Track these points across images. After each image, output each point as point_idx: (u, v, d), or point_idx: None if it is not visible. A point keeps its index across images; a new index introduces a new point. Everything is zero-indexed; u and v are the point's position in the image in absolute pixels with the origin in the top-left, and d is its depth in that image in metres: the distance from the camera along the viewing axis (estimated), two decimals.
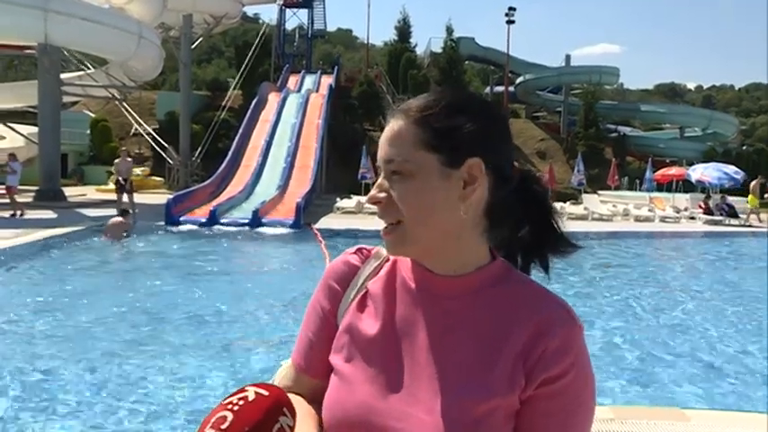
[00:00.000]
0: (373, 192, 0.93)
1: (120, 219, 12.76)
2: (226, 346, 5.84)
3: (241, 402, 0.82)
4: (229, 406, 0.82)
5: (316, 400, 0.98)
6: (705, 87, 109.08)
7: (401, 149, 0.91)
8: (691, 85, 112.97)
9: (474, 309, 0.92)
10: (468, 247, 0.94)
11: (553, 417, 0.88)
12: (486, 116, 0.94)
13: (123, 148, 18.98)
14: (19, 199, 15.43)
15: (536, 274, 1.01)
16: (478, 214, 0.93)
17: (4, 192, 15.61)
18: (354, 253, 1.05)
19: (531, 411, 0.88)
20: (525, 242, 0.98)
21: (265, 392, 0.85)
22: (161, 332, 6.23)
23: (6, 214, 14.89)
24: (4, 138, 24.10)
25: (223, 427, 0.79)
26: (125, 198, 15.59)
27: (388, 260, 1.01)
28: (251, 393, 0.84)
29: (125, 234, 12.61)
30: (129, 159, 16.58)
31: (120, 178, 15.73)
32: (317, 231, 14.10)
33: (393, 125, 0.93)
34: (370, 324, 0.96)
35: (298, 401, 0.94)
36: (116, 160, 16.40)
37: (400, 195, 0.90)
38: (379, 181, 0.94)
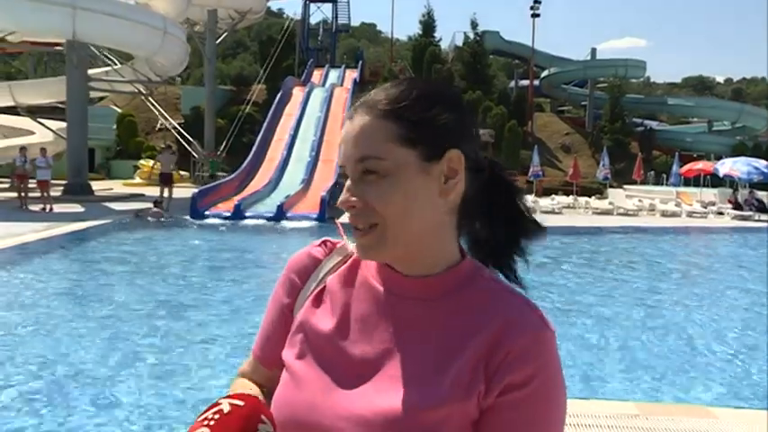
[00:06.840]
0: (345, 195, 0.85)
1: (153, 208, 15.10)
2: (251, 337, 5.88)
3: (217, 416, 0.80)
4: (205, 422, 0.79)
5: (272, 391, 0.94)
6: (735, 80, 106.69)
7: (374, 147, 0.84)
8: (720, 78, 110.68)
9: (440, 310, 0.86)
10: (442, 245, 0.88)
11: (519, 429, 0.81)
12: (459, 106, 0.89)
13: (168, 143, 20.01)
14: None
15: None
16: (453, 209, 0.88)
17: (34, 185, 15.90)
18: (319, 246, 0.99)
19: (495, 422, 0.81)
20: (498, 234, 0.92)
21: (240, 402, 0.83)
22: (185, 326, 6.30)
23: (37, 208, 15.18)
24: (34, 133, 24.48)
25: None
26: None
27: (351, 256, 0.95)
28: (225, 406, 0.82)
29: (161, 219, 14.91)
30: (172, 154, 18.37)
31: (163, 171, 17.12)
32: (340, 226, 14.16)
33: (358, 121, 0.85)
34: (324, 320, 0.91)
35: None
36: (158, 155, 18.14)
37: (378, 196, 0.83)
38: (348, 183, 0.86)
